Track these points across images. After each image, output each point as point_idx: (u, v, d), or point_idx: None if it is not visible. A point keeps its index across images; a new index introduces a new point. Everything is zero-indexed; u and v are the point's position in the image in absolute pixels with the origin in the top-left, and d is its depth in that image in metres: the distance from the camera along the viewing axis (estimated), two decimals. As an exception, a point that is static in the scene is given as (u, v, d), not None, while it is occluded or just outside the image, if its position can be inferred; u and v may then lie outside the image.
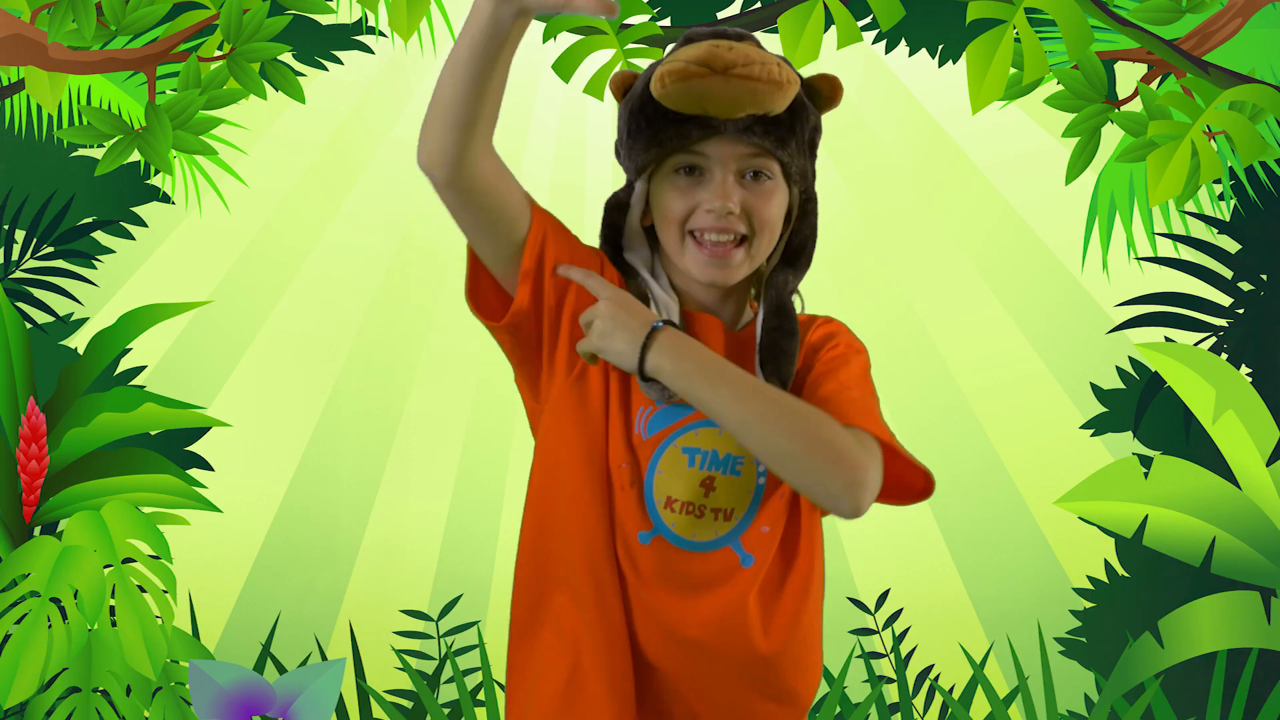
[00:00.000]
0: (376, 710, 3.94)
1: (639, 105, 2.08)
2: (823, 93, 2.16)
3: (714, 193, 2.05)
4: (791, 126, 2.12)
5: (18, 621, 3.76)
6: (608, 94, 3.65)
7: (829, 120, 4.66)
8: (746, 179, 2.09)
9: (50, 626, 3.76)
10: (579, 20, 3.63)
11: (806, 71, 3.81)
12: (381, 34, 3.89)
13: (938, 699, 3.93)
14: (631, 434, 2.05)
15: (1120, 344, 3.89)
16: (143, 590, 3.81)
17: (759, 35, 3.82)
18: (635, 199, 2.13)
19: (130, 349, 3.92)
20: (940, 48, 3.83)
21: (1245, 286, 3.86)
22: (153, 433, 3.90)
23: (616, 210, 2.15)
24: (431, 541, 4.12)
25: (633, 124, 2.09)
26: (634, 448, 2.05)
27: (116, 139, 3.77)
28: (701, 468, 2.05)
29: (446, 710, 3.91)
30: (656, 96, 2.02)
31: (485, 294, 2.04)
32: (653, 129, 2.06)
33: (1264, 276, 3.86)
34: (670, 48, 2.06)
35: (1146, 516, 3.80)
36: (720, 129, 2.05)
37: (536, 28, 3.74)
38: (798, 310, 2.20)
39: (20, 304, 3.91)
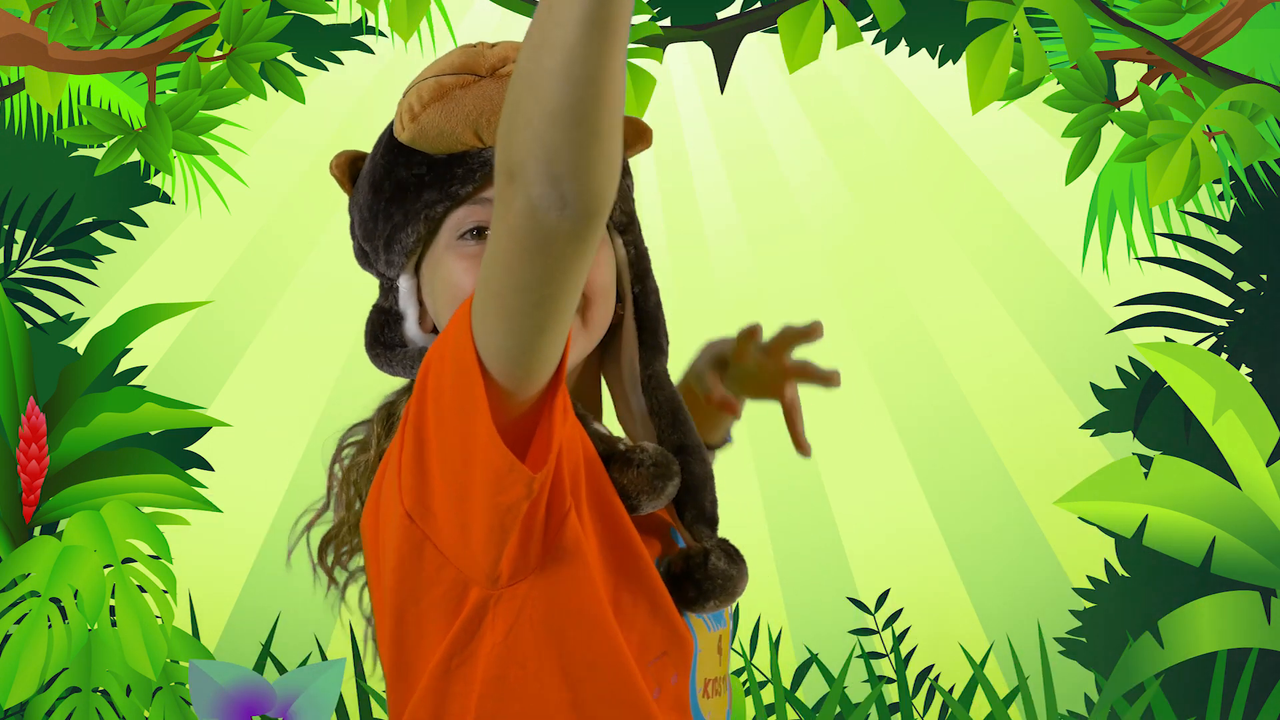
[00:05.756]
0: (376, 710, 3.94)
1: (384, 171, 1.50)
2: (625, 133, 1.54)
3: None
4: None
5: (18, 621, 3.76)
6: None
7: (829, 119, 4.67)
8: None
9: (50, 626, 3.76)
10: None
11: (800, 77, 3.82)
12: (381, 34, 3.89)
13: (938, 699, 3.93)
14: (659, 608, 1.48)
15: (1120, 344, 3.90)
16: (143, 590, 3.81)
17: (759, 35, 3.83)
18: (405, 301, 1.53)
19: (130, 349, 3.92)
20: (940, 48, 3.84)
21: (1245, 286, 3.86)
22: (153, 433, 3.90)
23: (385, 326, 1.56)
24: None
25: (377, 202, 1.50)
26: (667, 626, 1.48)
27: (116, 139, 3.77)
28: (713, 628, 1.54)
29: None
30: (406, 141, 1.47)
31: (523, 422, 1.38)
32: (414, 190, 1.48)
33: (1264, 276, 3.86)
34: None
35: (1146, 516, 3.80)
36: None
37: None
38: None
39: (20, 304, 3.91)
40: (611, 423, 1.60)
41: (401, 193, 1.49)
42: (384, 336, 1.56)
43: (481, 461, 1.36)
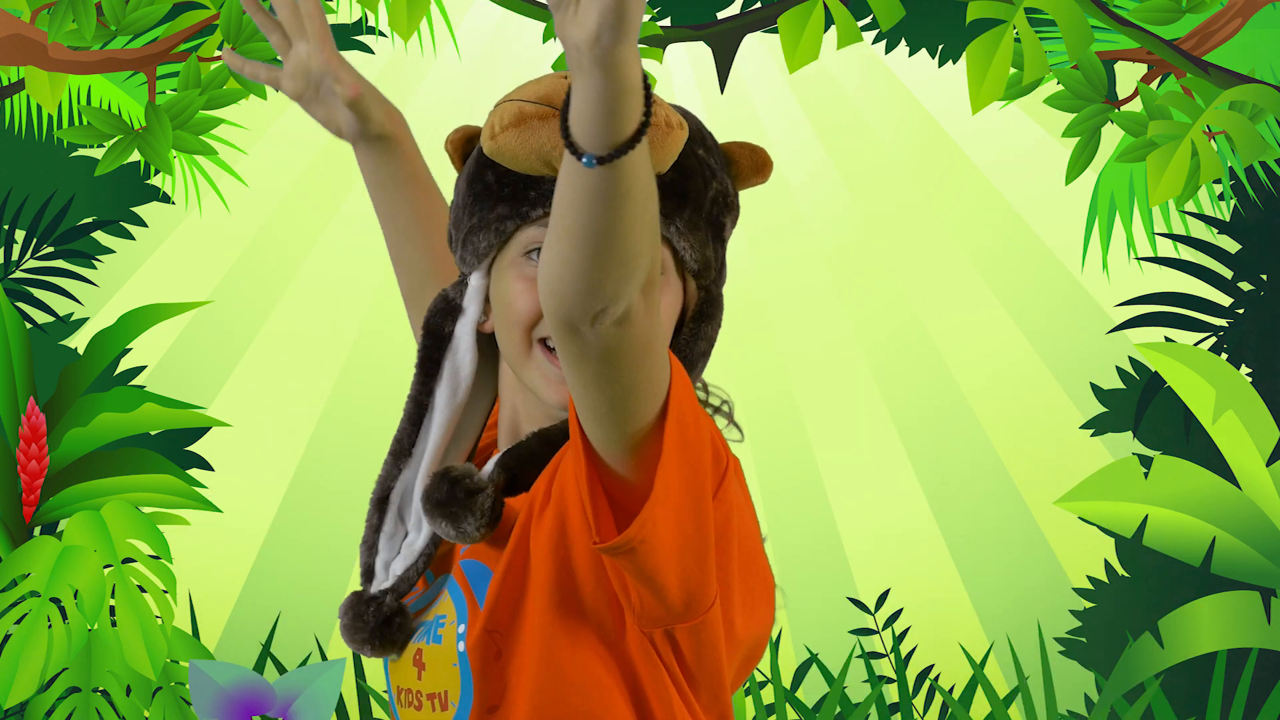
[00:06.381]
0: (376, 710, 3.94)
1: (475, 171, 1.53)
2: (740, 163, 1.55)
3: None
4: (683, 193, 1.48)
5: (18, 621, 3.76)
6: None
7: (829, 119, 4.67)
8: None
9: (50, 626, 3.76)
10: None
11: (800, 77, 3.82)
12: (381, 34, 3.89)
13: (938, 699, 3.93)
14: None
15: (1120, 344, 3.89)
16: (143, 590, 3.81)
17: (759, 35, 3.83)
18: (470, 298, 1.55)
19: (130, 349, 3.92)
20: (940, 48, 3.83)
21: (1245, 286, 3.86)
22: (153, 433, 3.90)
23: (442, 315, 1.57)
24: (431, 541, 4.13)
25: (466, 197, 1.53)
26: None
27: (116, 139, 3.77)
28: (415, 640, 1.54)
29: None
30: (488, 153, 1.47)
31: None
32: (491, 200, 1.51)
33: (1264, 276, 3.86)
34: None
35: (1146, 516, 3.80)
36: None
37: (536, 27, 3.74)
38: None
39: (20, 304, 3.91)
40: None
41: (483, 197, 1.51)
42: (434, 324, 1.57)
43: None
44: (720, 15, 3.80)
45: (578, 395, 1.37)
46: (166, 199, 3.97)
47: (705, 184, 1.50)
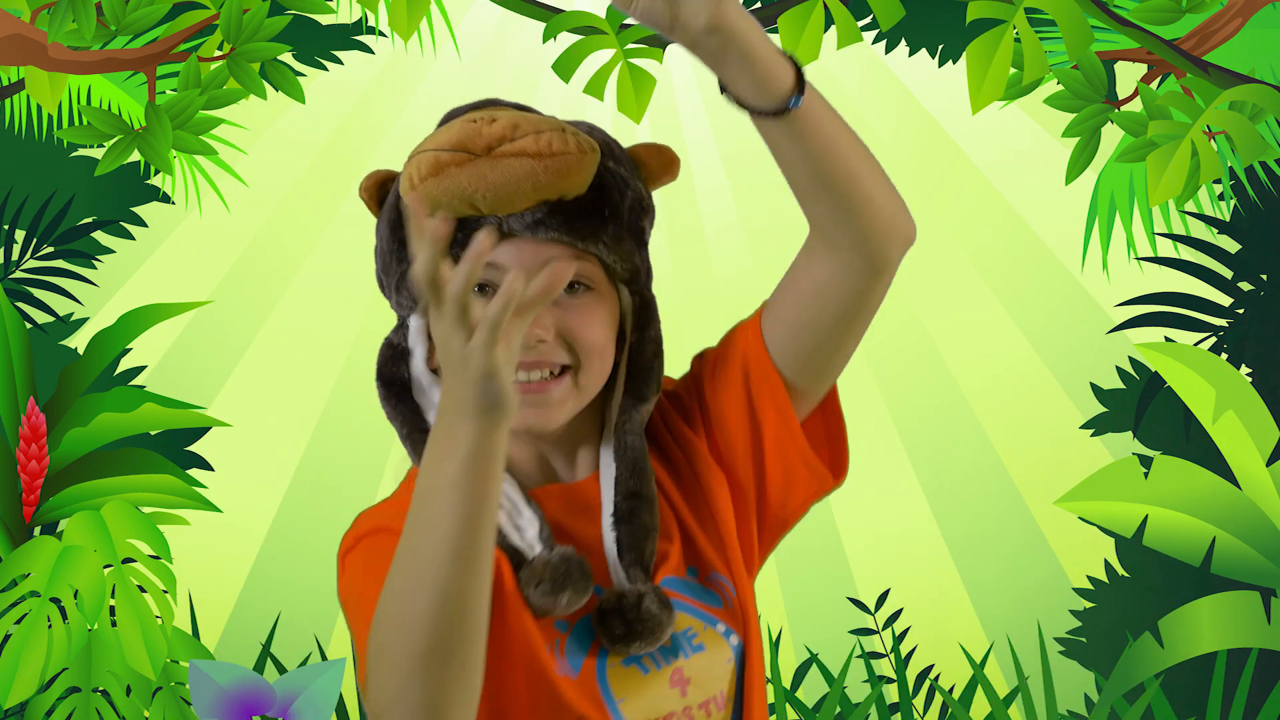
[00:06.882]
0: (376, 710, 3.94)
1: (398, 217, 1.56)
2: (649, 165, 1.63)
3: None
4: (601, 210, 1.55)
5: (18, 621, 3.76)
6: (605, 97, 3.65)
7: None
8: (560, 293, 1.51)
9: (50, 626, 3.76)
10: (579, 20, 3.63)
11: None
12: (381, 34, 3.89)
13: (938, 699, 3.93)
14: (557, 682, 1.53)
15: (1120, 344, 3.89)
16: (143, 590, 3.81)
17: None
18: (414, 339, 1.60)
19: (130, 349, 3.92)
20: (940, 48, 3.83)
21: (1245, 286, 3.86)
22: (153, 433, 3.90)
23: (393, 361, 1.61)
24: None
25: (392, 243, 1.57)
26: (570, 699, 1.53)
27: (116, 139, 3.77)
28: (661, 666, 1.58)
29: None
30: (410, 203, 1.45)
31: None
32: None
33: (1264, 276, 3.86)
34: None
35: (1146, 516, 3.80)
36: (505, 229, 1.52)
37: (535, 27, 3.74)
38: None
39: (20, 304, 3.91)
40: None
41: (409, 242, 1.53)
42: (387, 372, 1.62)
43: None
44: (720, 15, 3.79)
45: (846, 347, 1.77)
46: (166, 199, 3.97)
47: (622, 196, 1.58)
